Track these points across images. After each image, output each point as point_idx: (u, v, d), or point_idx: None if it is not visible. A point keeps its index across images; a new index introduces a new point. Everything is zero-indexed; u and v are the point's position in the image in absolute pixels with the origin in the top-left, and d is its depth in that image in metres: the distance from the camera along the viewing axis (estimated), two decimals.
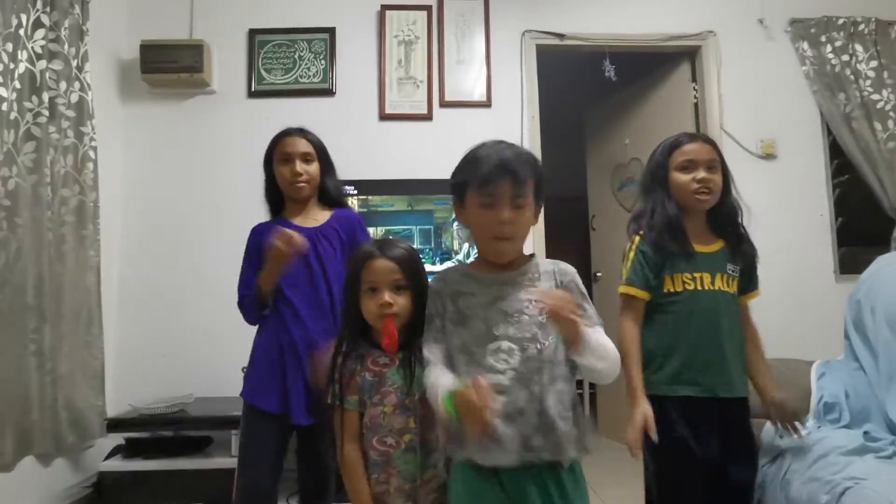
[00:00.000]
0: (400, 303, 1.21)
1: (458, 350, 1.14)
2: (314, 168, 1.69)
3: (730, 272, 1.50)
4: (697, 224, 1.53)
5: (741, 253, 1.53)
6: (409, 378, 1.20)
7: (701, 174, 1.47)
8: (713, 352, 1.45)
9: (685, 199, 1.50)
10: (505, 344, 1.10)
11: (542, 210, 1.23)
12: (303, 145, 1.68)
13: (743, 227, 1.56)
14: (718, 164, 1.50)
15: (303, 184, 1.67)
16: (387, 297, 1.19)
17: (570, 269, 1.20)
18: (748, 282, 1.56)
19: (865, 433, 1.82)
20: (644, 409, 1.37)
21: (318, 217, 1.72)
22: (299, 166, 1.66)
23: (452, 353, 1.14)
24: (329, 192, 1.75)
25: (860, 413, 1.95)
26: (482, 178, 1.11)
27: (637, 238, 1.53)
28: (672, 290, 1.48)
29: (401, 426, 1.20)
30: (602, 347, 1.09)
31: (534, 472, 1.08)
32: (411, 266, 1.23)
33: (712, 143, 1.53)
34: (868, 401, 1.97)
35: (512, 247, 1.16)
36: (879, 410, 1.94)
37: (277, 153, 1.69)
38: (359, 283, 1.23)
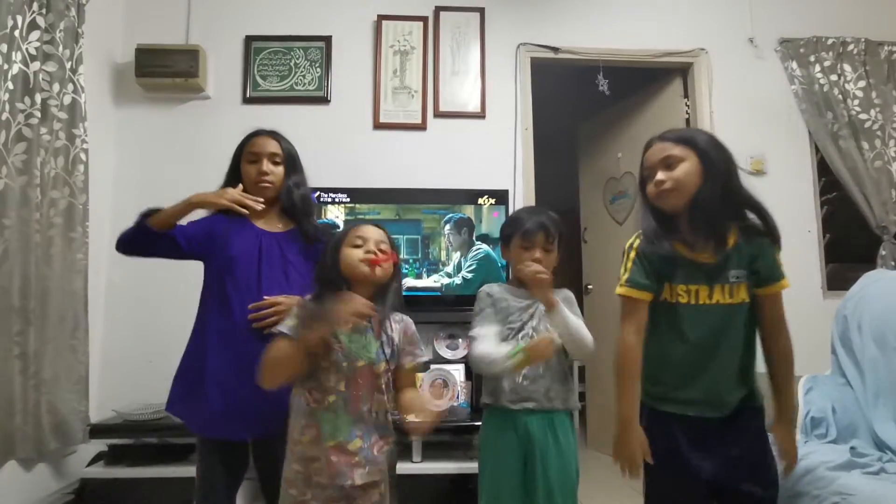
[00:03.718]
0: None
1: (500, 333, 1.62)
2: (281, 171, 1.66)
3: (733, 280, 1.34)
4: (689, 229, 1.37)
5: (750, 248, 1.35)
6: (356, 344, 1.33)
7: (658, 176, 1.36)
8: (699, 373, 1.35)
9: (658, 205, 1.40)
10: (531, 331, 1.58)
11: None
12: (272, 146, 1.66)
13: (753, 217, 1.37)
14: (678, 158, 1.34)
15: (267, 184, 1.63)
16: (372, 245, 1.38)
17: (565, 290, 1.66)
18: (766, 276, 1.36)
19: (852, 448, 1.83)
20: (640, 438, 1.33)
21: (281, 224, 1.68)
22: (266, 166, 1.63)
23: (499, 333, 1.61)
24: (288, 200, 1.66)
25: (847, 428, 1.97)
26: (524, 231, 1.60)
27: (636, 238, 1.43)
28: (668, 300, 1.38)
29: (330, 385, 1.30)
30: (575, 324, 1.52)
31: (546, 415, 1.56)
32: (390, 239, 1.46)
33: (671, 139, 1.38)
34: (855, 416, 1.99)
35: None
36: (866, 426, 1.95)
37: (246, 153, 1.66)
38: (342, 241, 1.39)
